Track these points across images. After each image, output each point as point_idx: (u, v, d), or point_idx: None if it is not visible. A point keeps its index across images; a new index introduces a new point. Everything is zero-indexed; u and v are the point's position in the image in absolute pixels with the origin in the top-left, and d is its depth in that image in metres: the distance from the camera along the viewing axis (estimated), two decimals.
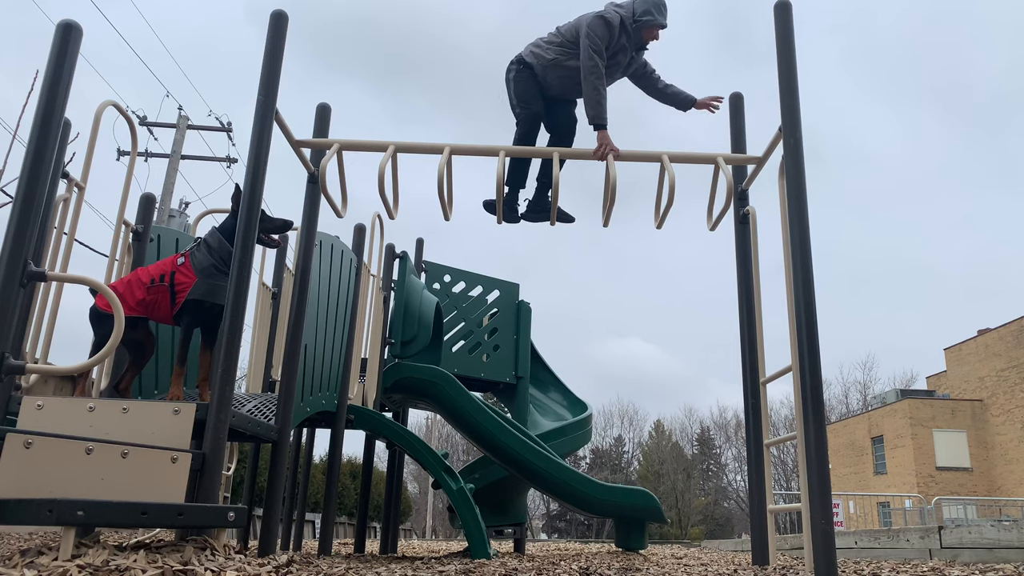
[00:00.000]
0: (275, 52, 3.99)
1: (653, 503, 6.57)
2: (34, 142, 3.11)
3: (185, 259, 3.94)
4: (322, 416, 5.44)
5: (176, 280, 3.88)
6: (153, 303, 3.91)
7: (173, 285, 3.87)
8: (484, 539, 5.21)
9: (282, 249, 6.08)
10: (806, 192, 3.82)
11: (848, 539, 9.20)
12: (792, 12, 4.13)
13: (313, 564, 3.62)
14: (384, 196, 4.36)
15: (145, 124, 18.77)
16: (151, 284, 3.89)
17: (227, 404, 3.40)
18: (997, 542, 6.58)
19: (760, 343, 4.43)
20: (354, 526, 12.04)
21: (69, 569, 2.35)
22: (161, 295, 3.89)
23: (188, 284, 3.86)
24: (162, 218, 17.15)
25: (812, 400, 3.51)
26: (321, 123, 4.72)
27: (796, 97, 3.98)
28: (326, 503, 5.51)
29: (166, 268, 3.94)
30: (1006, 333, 31.36)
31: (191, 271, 3.89)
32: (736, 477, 57.45)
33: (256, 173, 3.80)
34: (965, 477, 31.93)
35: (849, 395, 54.80)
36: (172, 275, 3.89)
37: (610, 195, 4.41)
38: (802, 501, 3.56)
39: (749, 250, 4.56)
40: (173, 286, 3.87)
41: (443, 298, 7.30)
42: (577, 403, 7.89)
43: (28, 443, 2.72)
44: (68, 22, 3.28)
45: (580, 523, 51.59)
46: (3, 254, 2.98)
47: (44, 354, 3.84)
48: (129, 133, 4.43)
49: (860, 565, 4.40)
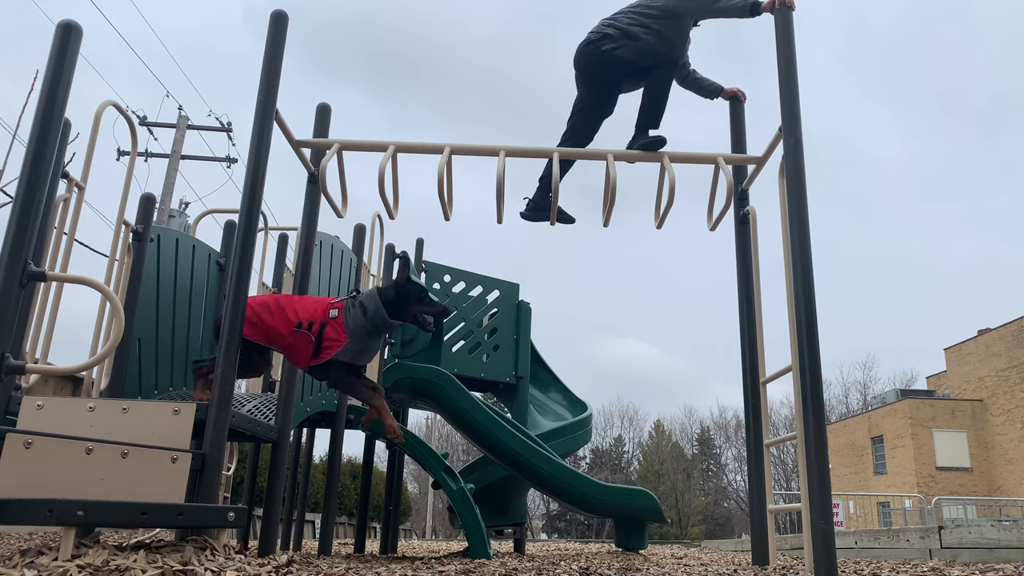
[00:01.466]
0: (275, 52, 3.99)
1: (653, 503, 6.57)
2: (34, 142, 3.10)
3: (339, 313, 3.70)
4: (322, 416, 5.44)
5: (325, 334, 3.64)
6: (290, 346, 3.69)
7: (320, 339, 3.64)
8: (484, 539, 5.21)
9: (282, 249, 6.08)
10: (806, 192, 3.82)
11: (848, 539, 9.20)
12: (792, 13, 4.13)
13: (313, 564, 3.62)
14: (384, 196, 4.36)
15: (145, 124, 18.78)
16: (297, 327, 3.66)
17: (227, 404, 3.40)
18: (997, 542, 6.58)
19: (760, 343, 4.42)
20: (354, 526, 12.04)
21: (69, 569, 2.35)
22: (303, 342, 3.66)
23: (337, 343, 3.62)
24: (162, 218, 17.15)
25: (812, 400, 3.51)
26: (321, 123, 4.72)
27: (796, 97, 3.98)
28: (326, 503, 5.51)
29: (316, 316, 3.69)
30: (1006, 333, 31.37)
31: (343, 329, 3.65)
32: (736, 477, 57.49)
33: (256, 173, 3.80)
34: (965, 477, 31.94)
35: (849, 395, 54.89)
36: (322, 327, 3.66)
37: (610, 195, 4.41)
38: (802, 501, 3.56)
39: (749, 250, 4.56)
40: (320, 339, 3.64)
41: (443, 298, 7.29)
42: (577, 403, 7.89)
43: (28, 443, 2.72)
44: (68, 22, 3.28)
45: (580, 523, 51.59)
46: (3, 254, 2.98)
47: (44, 354, 3.84)
48: (129, 133, 4.43)
49: (860, 565, 4.40)
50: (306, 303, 3.79)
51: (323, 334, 3.64)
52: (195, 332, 5.01)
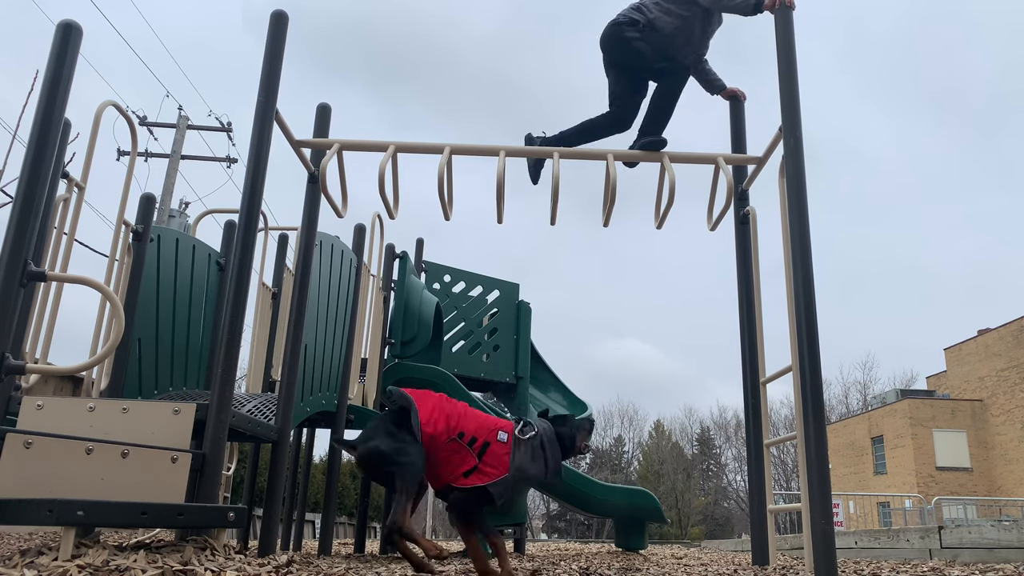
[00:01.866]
0: (275, 52, 3.99)
1: (653, 503, 6.57)
2: (34, 142, 3.10)
3: (507, 438, 3.17)
4: (322, 416, 5.43)
5: (486, 456, 3.11)
6: (440, 456, 3.10)
7: (482, 456, 3.11)
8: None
9: (282, 249, 6.08)
10: (806, 192, 3.82)
11: (848, 539, 9.20)
12: (792, 13, 4.13)
13: (313, 564, 3.62)
14: (384, 196, 4.37)
15: (145, 124, 18.78)
16: (458, 437, 3.12)
17: (227, 404, 3.40)
18: (997, 542, 6.58)
19: (760, 343, 4.43)
20: (354, 526, 12.03)
21: (69, 569, 2.35)
22: (459, 457, 3.10)
23: (494, 473, 3.09)
24: (162, 218, 17.15)
25: (812, 400, 3.51)
26: (321, 123, 4.72)
27: (796, 97, 3.98)
28: (326, 503, 5.51)
29: (480, 432, 3.15)
30: (1006, 333, 31.37)
31: (508, 458, 3.12)
32: (736, 477, 57.48)
33: (256, 173, 3.80)
34: (965, 477, 31.94)
35: (849, 395, 54.85)
36: (485, 445, 3.12)
37: (610, 195, 4.41)
38: (802, 501, 3.56)
39: (749, 250, 4.56)
40: (481, 457, 3.11)
41: (443, 298, 7.30)
42: (577, 403, 7.90)
43: (28, 443, 2.72)
44: (68, 22, 3.28)
45: (580, 523, 51.59)
46: (3, 254, 2.98)
47: (44, 354, 3.84)
48: (129, 133, 4.43)
49: (860, 565, 4.40)
50: (473, 413, 3.27)
51: (486, 453, 3.11)
52: (195, 332, 5.01)
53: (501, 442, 3.15)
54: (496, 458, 3.11)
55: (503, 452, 3.13)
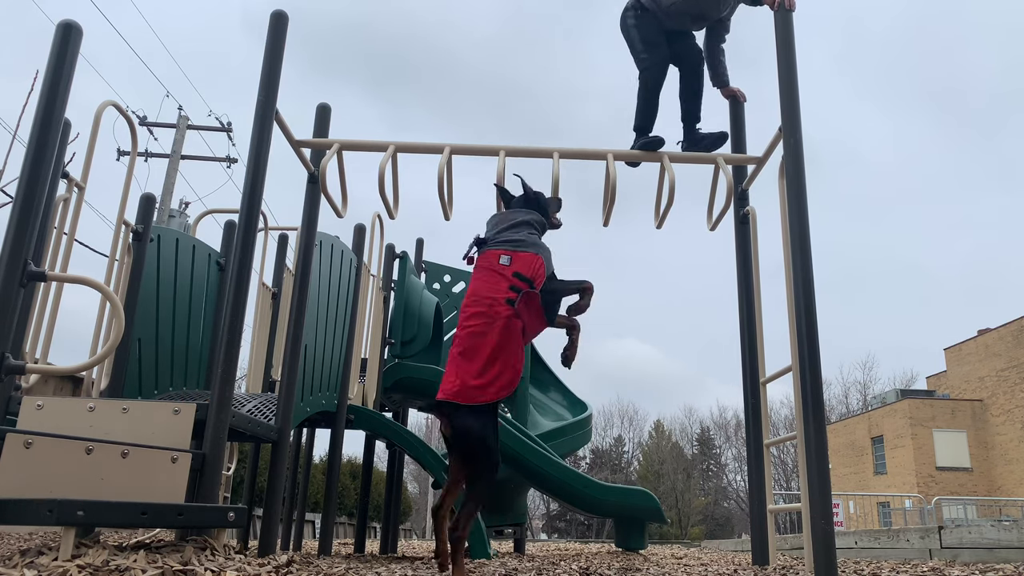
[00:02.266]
0: (275, 52, 3.99)
1: (653, 503, 6.57)
2: (34, 142, 3.11)
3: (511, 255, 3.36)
4: (322, 416, 5.44)
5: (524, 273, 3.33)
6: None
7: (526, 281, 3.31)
8: (484, 539, 5.21)
9: (282, 249, 6.08)
10: (806, 192, 3.82)
11: (848, 539, 9.20)
12: (792, 13, 4.14)
13: (313, 564, 3.62)
14: (384, 196, 4.37)
15: (145, 124, 18.77)
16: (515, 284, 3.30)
17: (227, 404, 3.40)
18: (997, 542, 6.59)
19: (760, 343, 4.43)
20: (354, 526, 12.04)
21: (69, 569, 2.35)
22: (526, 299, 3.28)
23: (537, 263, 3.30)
24: (162, 218, 17.15)
25: (812, 400, 3.51)
26: (321, 123, 4.72)
27: (796, 97, 3.98)
28: (326, 503, 5.51)
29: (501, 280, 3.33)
30: (1006, 333, 31.37)
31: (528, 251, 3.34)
32: (736, 477, 57.47)
33: (256, 173, 3.80)
34: (965, 477, 31.93)
35: (849, 395, 54.83)
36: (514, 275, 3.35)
37: (610, 195, 4.41)
38: (802, 501, 3.56)
39: (749, 250, 4.56)
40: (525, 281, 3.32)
41: (443, 298, 7.30)
42: (577, 403, 7.90)
43: (28, 443, 2.72)
44: (68, 22, 3.28)
45: (580, 523, 51.59)
46: (3, 254, 2.98)
47: (44, 354, 3.84)
48: (129, 133, 4.43)
49: (860, 565, 4.40)
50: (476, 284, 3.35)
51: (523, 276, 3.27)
52: (195, 332, 5.01)
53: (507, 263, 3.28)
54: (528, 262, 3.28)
55: (522, 254, 3.30)
